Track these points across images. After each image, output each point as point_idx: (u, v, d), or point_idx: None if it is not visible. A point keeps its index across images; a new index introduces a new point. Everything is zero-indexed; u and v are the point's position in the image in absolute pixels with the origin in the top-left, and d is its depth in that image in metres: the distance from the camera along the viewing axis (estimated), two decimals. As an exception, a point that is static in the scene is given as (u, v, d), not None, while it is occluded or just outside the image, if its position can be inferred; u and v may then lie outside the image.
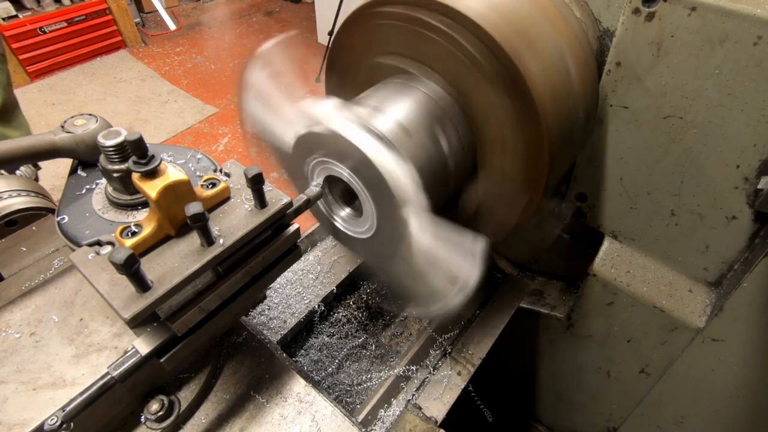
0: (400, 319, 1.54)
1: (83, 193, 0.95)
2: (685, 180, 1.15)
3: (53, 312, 0.91)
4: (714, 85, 1.00)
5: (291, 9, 7.47)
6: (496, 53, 0.90)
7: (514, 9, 0.95)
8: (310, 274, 1.52)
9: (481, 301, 1.58)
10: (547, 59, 0.96)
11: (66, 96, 5.35)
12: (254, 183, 0.77)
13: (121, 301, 0.68)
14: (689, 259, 1.28)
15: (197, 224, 0.71)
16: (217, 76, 5.83)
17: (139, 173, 0.72)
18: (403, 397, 1.30)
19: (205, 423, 0.97)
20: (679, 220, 1.22)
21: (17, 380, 0.81)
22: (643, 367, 1.51)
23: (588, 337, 1.61)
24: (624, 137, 1.19)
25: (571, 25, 1.05)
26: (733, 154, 1.05)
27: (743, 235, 1.14)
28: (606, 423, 1.80)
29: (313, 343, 1.44)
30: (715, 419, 1.43)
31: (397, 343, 1.48)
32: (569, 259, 1.63)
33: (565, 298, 1.65)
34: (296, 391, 1.03)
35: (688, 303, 1.29)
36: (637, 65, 1.07)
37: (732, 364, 1.27)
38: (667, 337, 1.36)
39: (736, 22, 0.91)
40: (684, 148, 1.11)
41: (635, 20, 1.03)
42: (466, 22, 0.90)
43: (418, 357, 1.37)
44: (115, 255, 0.62)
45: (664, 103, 1.08)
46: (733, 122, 1.01)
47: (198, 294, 0.78)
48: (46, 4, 5.43)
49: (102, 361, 0.84)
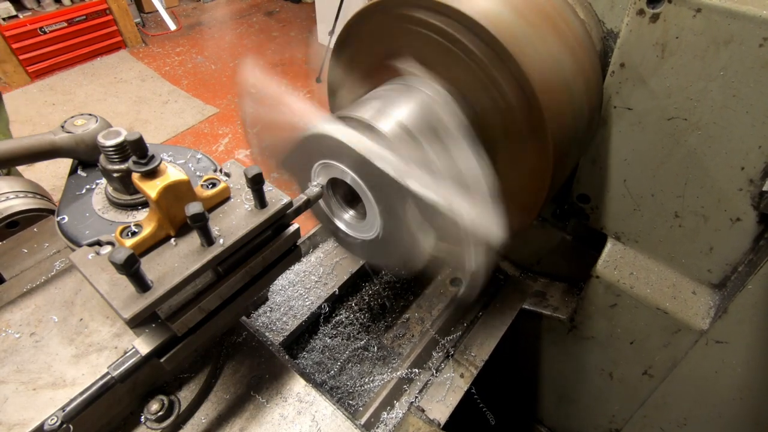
0: (402, 320, 1.53)
1: (83, 193, 0.95)
2: (690, 182, 1.15)
3: (53, 312, 0.91)
4: (719, 87, 0.99)
5: (291, 9, 7.47)
6: (501, 54, 0.90)
7: (520, 11, 0.95)
8: (312, 276, 1.51)
9: (483, 303, 1.57)
10: (550, 62, 0.95)
11: (66, 96, 5.35)
12: (254, 183, 0.77)
13: (121, 301, 0.68)
14: (693, 261, 1.27)
15: (197, 224, 0.71)
16: (217, 76, 5.84)
17: (139, 173, 0.71)
18: (405, 399, 1.30)
19: (205, 423, 0.96)
20: (683, 221, 1.22)
21: (17, 380, 0.81)
22: (646, 369, 1.50)
23: (591, 339, 1.60)
24: (628, 139, 1.18)
25: (574, 26, 1.05)
26: (738, 156, 1.04)
27: (747, 237, 1.13)
28: (609, 425, 1.79)
29: (315, 345, 1.43)
30: (718, 421, 1.43)
31: (400, 344, 1.47)
32: (572, 260, 1.62)
33: (568, 300, 1.64)
34: (296, 391, 1.02)
35: (691, 305, 1.29)
36: (642, 67, 1.07)
37: (736, 367, 1.27)
38: (670, 338, 1.36)
39: (741, 24, 0.91)
40: (688, 149, 1.10)
41: (640, 21, 1.02)
42: (475, 27, 0.89)
43: (421, 359, 1.37)
44: (115, 255, 0.62)
45: (668, 104, 1.08)
46: (738, 124, 1.01)
47: (198, 294, 0.78)
48: (46, 4, 5.44)
49: (102, 361, 0.84)
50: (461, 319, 1.50)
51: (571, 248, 1.60)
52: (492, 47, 0.90)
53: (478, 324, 1.50)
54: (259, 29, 6.87)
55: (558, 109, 0.96)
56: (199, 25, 6.96)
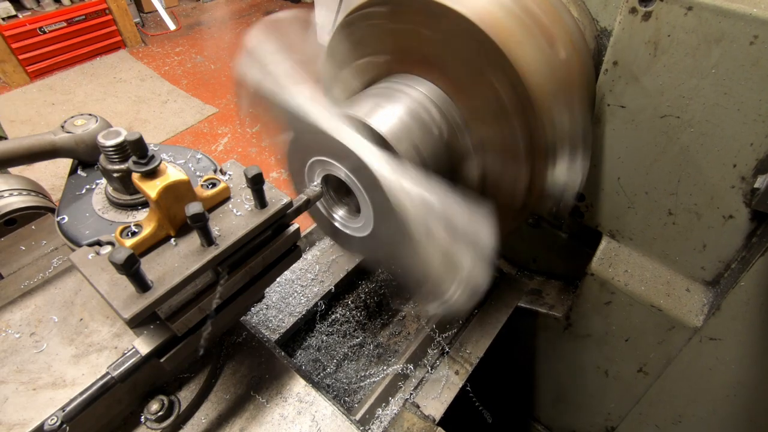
0: (398, 318, 1.54)
1: (83, 193, 0.96)
2: (683, 179, 1.15)
3: (53, 312, 0.92)
4: (711, 85, 1.00)
5: (291, 9, 7.46)
6: (494, 54, 0.91)
7: (514, 12, 0.96)
8: (309, 274, 1.52)
9: (479, 301, 1.58)
10: (544, 62, 0.96)
11: (66, 96, 5.35)
12: (254, 183, 0.78)
13: (121, 301, 0.68)
14: (687, 258, 1.28)
15: (197, 224, 0.71)
16: (216, 76, 5.83)
17: (139, 173, 0.72)
18: (401, 395, 1.31)
19: (205, 423, 0.97)
20: (677, 219, 1.22)
21: (17, 380, 0.81)
22: (641, 366, 1.51)
23: (586, 337, 1.61)
24: (621, 137, 1.19)
25: (568, 24, 1.06)
26: (730, 154, 1.05)
27: (740, 234, 1.14)
28: (604, 422, 1.80)
29: (312, 343, 1.44)
30: (712, 418, 1.44)
31: (396, 342, 1.48)
32: (567, 258, 1.63)
33: (564, 298, 1.65)
34: (296, 391, 1.03)
35: (685, 302, 1.30)
36: (634, 65, 1.08)
37: (729, 363, 1.28)
38: (664, 336, 1.37)
39: (732, 22, 0.92)
40: (681, 147, 1.11)
41: (632, 20, 1.03)
42: (469, 27, 0.90)
43: (416, 356, 1.38)
44: (115, 255, 0.62)
45: (661, 102, 1.08)
46: (730, 121, 1.02)
47: (198, 294, 0.79)
48: (45, 4, 5.43)
49: (102, 361, 0.84)
50: (457, 316, 1.51)
51: (566, 246, 1.61)
52: (486, 47, 0.91)
53: (474, 321, 1.51)
54: (257, 29, 6.86)
55: (551, 108, 0.96)
56: (198, 25, 6.95)
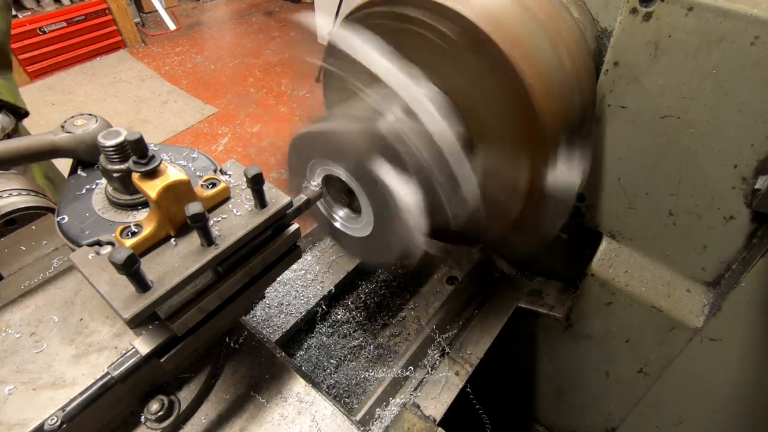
0: (398, 319, 1.54)
1: (83, 193, 0.95)
2: (683, 180, 1.15)
3: (53, 312, 0.92)
4: (711, 85, 1.00)
5: (291, 9, 7.46)
6: (495, 56, 0.90)
7: (514, 12, 0.96)
8: (309, 274, 1.52)
9: (479, 301, 1.58)
10: (545, 63, 0.96)
11: (66, 96, 5.35)
12: (254, 183, 0.78)
13: (121, 301, 0.68)
14: (687, 259, 1.28)
15: (197, 224, 0.71)
16: (216, 76, 5.84)
17: (139, 173, 0.72)
18: (401, 396, 1.30)
19: (205, 423, 0.97)
20: (677, 220, 1.22)
21: (17, 380, 0.81)
22: (642, 367, 1.51)
23: (587, 337, 1.61)
24: (622, 137, 1.19)
25: (569, 25, 1.06)
26: (731, 154, 1.05)
27: (741, 235, 1.14)
28: (605, 423, 1.80)
29: (312, 343, 1.44)
30: (713, 419, 1.44)
31: (396, 343, 1.48)
32: (568, 259, 1.63)
33: (564, 298, 1.65)
34: (296, 391, 1.03)
35: (686, 303, 1.30)
36: (635, 65, 1.08)
37: (730, 364, 1.28)
38: (665, 336, 1.36)
39: (733, 22, 0.92)
40: (682, 148, 1.11)
41: (632, 20, 1.03)
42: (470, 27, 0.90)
43: (416, 357, 1.38)
44: (115, 255, 0.62)
45: (661, 103, 1.08)
46: (731, 122, 1.01)
47: (198, 294, 0.79)
48: (45, 4, 5.43)
49: (102, 361, 0.84)
50: (457, 317, 1.51)
51: (566, 247, 1.61)
52: (487, 48, 0.91)
53: (474, 322, 1.51)
54: (258, 29, 6.86)
55: (552, 110, 0.96)
56: (198, 25, 6.95)
